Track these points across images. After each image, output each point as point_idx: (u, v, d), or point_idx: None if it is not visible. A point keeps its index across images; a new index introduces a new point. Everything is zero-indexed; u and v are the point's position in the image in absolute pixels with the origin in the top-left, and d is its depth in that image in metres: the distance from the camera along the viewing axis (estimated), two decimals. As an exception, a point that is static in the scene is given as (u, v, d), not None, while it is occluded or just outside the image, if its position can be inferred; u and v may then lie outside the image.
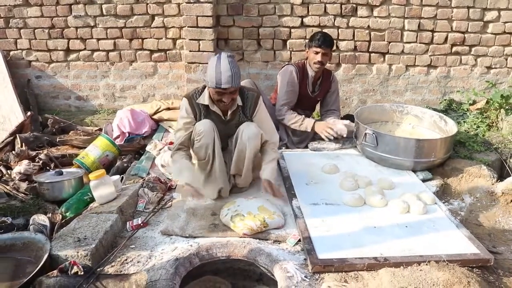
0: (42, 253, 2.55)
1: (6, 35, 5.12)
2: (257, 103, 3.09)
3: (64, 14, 4.92)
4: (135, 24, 4.82)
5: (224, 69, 2.75)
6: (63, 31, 5.00)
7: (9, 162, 4.13)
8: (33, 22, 5.02)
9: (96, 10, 4.85)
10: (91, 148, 3.82)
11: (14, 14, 5.00)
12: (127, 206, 2.96)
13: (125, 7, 4.78)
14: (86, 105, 5.23)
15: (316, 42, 3.79)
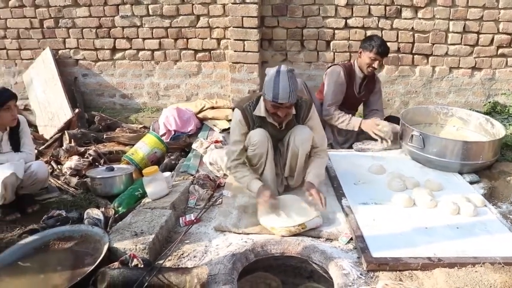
0: (100, 245, 2.64)
1: (55, 34, 5.29)
2: (310, 111, 3.07)
3: (111, 14, 5.06)
4: (180, 24, 4.91)
5: (283, 84, 2.72)
6: (110, 31, 5.13)
7: (59, 157, 4.27)
8: (81, 22, 5.17)
9: (142, 10, 4.96)
10: (140, 145, 3.92)
11: (64, 14, 5.17)
12: (179, 202, 3.03)
13: (171, 7, 4.87)
14: (130, 103, 5.35)
15: (377, 50, 3.77)
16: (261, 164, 3.03)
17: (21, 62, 5.54)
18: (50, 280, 2.54)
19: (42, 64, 5.29)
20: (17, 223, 3.33)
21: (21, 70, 5.54)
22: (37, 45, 5.39)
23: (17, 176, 3.22)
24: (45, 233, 2.88)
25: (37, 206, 3.49)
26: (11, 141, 3.38)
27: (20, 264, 2.67)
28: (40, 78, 5.27)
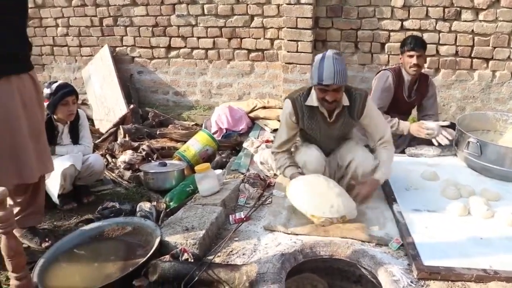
0: (151, 238, 2.70)
1: (113, 32, 5.47)
2: (366, 103, 2.92)
3: (167, 13, 5.17)
4: (234, 24, 4.96)
5: (327, 65, 2.62)
6: (165, 29, 5.25)
7: (114, 151, 4.41)
8: (139, 21, 5.32)
9: (198, 10, 5.05)
10: (192, 142, 4.00)
11: (122, 13, 5.34)
12: (229, 200, 3.07)
13: (226, 7, 4.93)
14: (183, 101, 5.46)
15: (409, 46, 3.73)
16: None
17: (81, 58, 5.76)
18: (103, 268, 2.63)
19: (100, 61, 5.48)
20: (73, 212, 3.48)
21: (81, 66, 5.76)
22: (96, 43, 5.59)
23: (76, 168, 3.36)
24: (100, 223, 2.98)
25: (92, 197, 3.63)
26: (71, 134, 3.53)
27: (76, 251, 2.79)
28: (98, 74, 5.46)
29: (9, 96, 2.52)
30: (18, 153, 2.60)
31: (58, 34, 5.74)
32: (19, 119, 2.58)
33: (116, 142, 4.54)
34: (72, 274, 2.63)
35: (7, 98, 2.51)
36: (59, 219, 3.42)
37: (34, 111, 2.71)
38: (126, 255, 2.71)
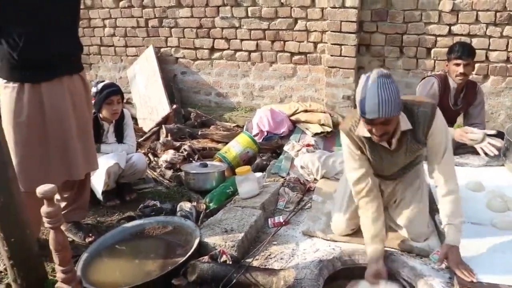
0: (191, 238, 2.74)
1: (158, 33, 5.57)
2: (432, 121, 2.36)
3: (212, 15, 5.23)
4: (278, 26, 4.96)
5: (370, 94, 2.11)
6: (209, 31, 5.31)
7: (156, 150, 4.49)
8: (183, 22, 5.40)
9: (242, 12, 5.08)
10: (233, 144, 4.03)
11: (167, 14, 5.43)
12: (269, 203, 3.07)
13: (270, 10, 4.94)
14: (225, 102, 5.51)
15: (456, 54, 3.60)
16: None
17: (126, 58, 5.90)
18: (143, 265, 2.69)
19: (145, 61, 5.60)
20: (116, 209, 3.57)
21: (126, 66, 5.90)
22: (141, 43, 5.72)
23: (120, 166, 3.45)
24: (141, 221, 3.05)
25: (134, 195, 3.71)
26: (115, 133, 3.62)
27: (118, 247, 2.86)
28: (142, 74, 5.58)
29: (61, 96, 2.62)
30: (67, 151, 2.69)
31: (105, 34, 5.90)
32: (69, 119, 2.67)
33: (158, 141, 4.63)
34: (113, 269, 2.70)
35: (59, 99, 2.61)
36: (102, 215, 3.51)
37: (83, 111, 2.81)
38: (165, 253, 2.77)
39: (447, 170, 2.42)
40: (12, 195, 2.24)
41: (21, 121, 2.53)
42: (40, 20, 2.48)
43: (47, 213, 1.96)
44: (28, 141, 2.58)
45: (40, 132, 2.60)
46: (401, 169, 2.63)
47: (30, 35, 2.46)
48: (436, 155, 2.41)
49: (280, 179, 3.49)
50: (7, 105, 2.54)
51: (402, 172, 2.66)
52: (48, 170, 2.67)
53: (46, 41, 2.51)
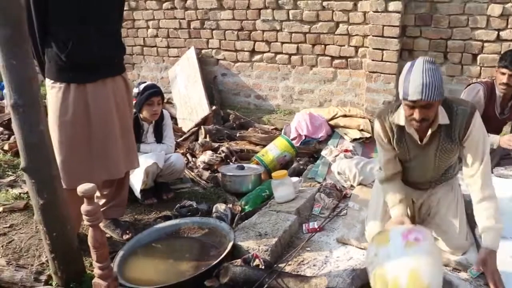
0: (225, 240, 2.76)
1: (200, 35, 5.65)
2: (471, 123, 2.30)
3: (253, 18, 5.26)
4: (319, 30, 4.94)
5: (414, 76, 2.13)
6: (250, 34, 5.33)
7: (194, 150, 4.55)
8: (225, 24, 5.45)
9: (283, 15, 5.08)
10: (271, 147, 4.03)
11: (209, 16, 5.50)
12: (304, 208, 3.06)
13: (311, 13, 4.92)
14: (264, 104, 5.52)
15: (503, 62, 3.46)
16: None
17: (168, 59, 6.00)
18: (177, 265, 2.73)
19: (186, 62, 5.68)
20: (153, 208, 3.63)
21: (168, 66, 6.01)
22: (183, 44, 5.81)
23: (158, 166, 3.51)
24: (177, 221, 3.10)
25: (171, 194, 3.77)
26: (155, 133, 3.69)
27: (153, 246, 2.92)
28: (183, 75, 5.66)
29: (105, 97, 2.70)
30: (108, 151, 2.77)
31: (148, 35, 6.03)
32: (112, 119, 2.75)
33: (197, 142, 4.68)
34: (148, 267, 2.76)
35: (103, 99, 2.69)
36: (139, 213, 3.59)
37: (125, 111, 2.88)
38: (199, 254, 2.80)
39: (484, 176, 2.35)
40: (55, 192, 2.32)
41: (66, 120, 2.62)
42: (87, 24, 2.57)
43: (86, 211, 2.02)
44: (72, 140, 2.67)
45: (84, 131, 2.69)
46: (431, 177, 2.59)
47: (77, 38, 2.55)
48: (474, 158, 2.35)
49: (316, 185, 3.47)
50: (53, 104, 2.63)
51: (433, 181, 2.62)
52: (90, 169, 2.76)
53: (92, 44, 2.60)
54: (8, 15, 1.97)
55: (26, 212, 3.61)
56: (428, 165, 2.52)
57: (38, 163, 2.23)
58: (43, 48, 2.62)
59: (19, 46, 2.03)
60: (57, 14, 2.52)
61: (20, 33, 2.03)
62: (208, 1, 5.44)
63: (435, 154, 2.45)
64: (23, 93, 2.08)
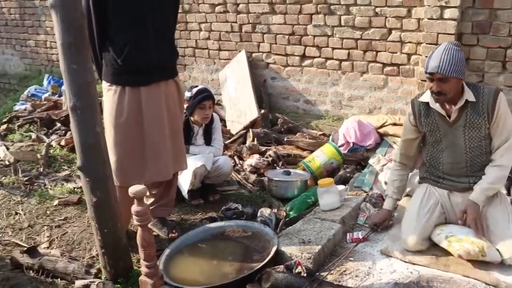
0: (269, 245, 2.80)
1: (251, 38, 5.70)
2: (497, 98, 2.56)
3: (304, 22, 5.25)
4: (371, 36, 4.88)
5: (436, 53, 2.50)
6: (301, 38, 5.34)
7: (242, 153, 4.60)
8: (276, 29, 5.48)
9: (335, 21, 5.05)
10: (318, 154, 4.02)
11: (261, 20, 5.54)
12: (349, 217, 3.05)
13: (364, 19, 4.87)
14: (313, 109, 5.51)
15: None
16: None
17: (219, 61, 6.10)
18: (221, 267, 2.79)
19: (237, 64, 5.75)
20: (199, 208, 3.72)
21: (218, 69, 6.10)
22: (234, 47, 5.88)
23: (206, 168, 3.59)
24: (223, 224, 3.16)
25: (218, 196, 3.84)
26: (204, 135, 3.78)
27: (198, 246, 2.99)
28: (233, 78, 5.74)
29: (158, 100, 2.80)
30: (158, 152, 2.87)
31: (200, 37, 6.14)
32: (163, 122, 2.85)
33: (245, 145, 4.74)
34: (192, 267, 2.83)
35: (156, 102, 2.79)
36: (186, 213, 3.68)
37: (176, 113, 2.98)
38: (243, 257, 2.84)
39: (507, 149, 2.60)
40: (108, 192, 2.43)
41: (121, 122, 2.74)
42: (142, 30, 2.68)
43: (136, 212, 2.11)
44: (126, 141, 2.79)
45: (137, 132, 2.80)
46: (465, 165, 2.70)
47: (133, 44, 2.66)
48: (501, 133, 2.60)
49: (362, 193, 3.44)
50: (109, 106, 2.75)
51: (469, 174, 2.71)
52: (142, 169, 2.87)
53: (147, 49, 2.70)
54: (71, 23, 2.09)
55: (79, 206, 3.79)
56: (459, 146, 2.69)
57: (93, 163, 2.35)
58: (101, 52, 2.75)
59: (80, 52, 2.14)
60: (114, 21, 2.64)
61: (81, 39, 2.14)
62: (260, 5, 5.48)
63: (464, 131, 2.65)
64: (81, 96, 2.19)
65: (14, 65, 9.07)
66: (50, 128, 5.77)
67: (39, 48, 8.34)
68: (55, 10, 2.06)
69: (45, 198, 4.00)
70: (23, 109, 6.56)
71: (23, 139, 5.55)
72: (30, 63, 8.69)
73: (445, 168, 2.78)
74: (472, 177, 2.71)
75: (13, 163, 4.71)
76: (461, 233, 2.56)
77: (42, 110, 6.15)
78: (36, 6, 7.98)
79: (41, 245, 3.32)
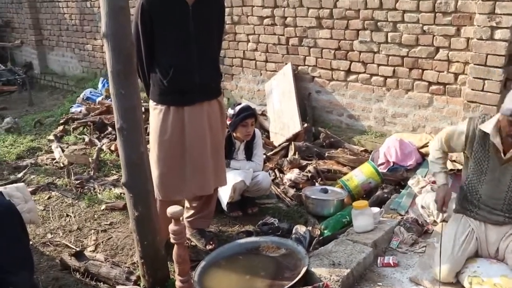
0: (300, 264, 2.87)
1: (298, 52, 5.77)
2: None
3: (351, 38, 5.27)
4: (418, 54, 4.84)
5: None
6: (347, 54, 5.36)
7: (282, 167, 4.69)
8: (322, 43, 5.52)
9: (381, 37, 5.05)
10: (356, 173, 4.04)
11: (308, 34, 5.60)
12: (381, 241, 3.07)
13: (411, 37, 4.84)
14: (356, 124, 5.52)
15: None
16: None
17: (265, 72, 6.20)
18: (253, 281, 2.89)
19: (283, 77, 5.84)
20: (237, 220, 3.84)
21: (264, 80, 6.21)
22: (280, 60, 5.97)
23: (245, 183, 3.70)
24: (258, 239, 3.27)
25: (256, 209, 3.95)
26: (245, 151, 3.90)
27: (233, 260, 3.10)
28: (278, 90, 5.83)
29: (200, 120, 2.95)
30: (200, 168, 3.02)
31: (248, 48, 6.27)
32: (205, 139, 2.99)
33: (286, 158, 4.81)
34: (226, 280, 2.95)
35: (198, 121, 2.95)
36: (224, 224, 3.81)
37: (218, 132, 3.13)
38: (274, 274, 2.93)
39: None
40: (149, 207, 2.59)
41: (165, 139, 2.91)
42: (186, 53, 2.83)
43: (173, 231, 2.25)
44: (169, 157, 2.95)
45: (180, 149, 2.96)
46: (503, 202, 2.65)
47: (178, 67, 2.82)
48: None
49: (397, 217, 3.44)
50: (154, 124, 2.92)
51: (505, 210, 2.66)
52: (183, 184, 3.02)
53: (191, 71, 2.86)
54: (121, 51, 2.25)
55: (124, 212, 3.97)
56: (503, 184, 2.64)
57: (136, 180, 2.51)
58: (149, 72, 2.92)
59: (127, 78, 2.30)
60: (161, 45, 2.81)
61: (130, 67, 2.30)
62: (307, 20, 5.55)
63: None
64: (128, 118, 2.35)
65: (73, 67, 9.57)
66: (102, 132, 6.07)
67: (96, 52, 8.76)
68: (107, 39, 2.22)
69: (93, 202, 4.24)
70: (78, 112, 6.93)
71: (77, 142, 5.87)
72: (87, 66, 9.14)
73: (482, 199, 2.75)
74: (507, 213, 2.68)
75: (66, 166, 5.00)
76: (486, 274, 2.54)
77: (95, 114, 6.47)
78: (95, 13, 8.39)
79: (87, 248, 3.54)
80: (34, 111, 8.05)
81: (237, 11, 6.20)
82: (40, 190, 4.52)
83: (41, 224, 3.87)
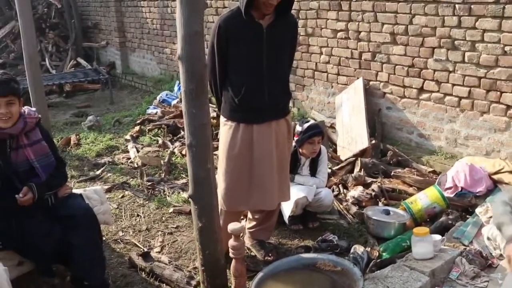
0: (354, 285, 2.89)
1: (370, 67, 5.74)
2: None
3: (425, 56, 5.17)
4: (496, 76, 4.67)
5: None
6: (420, 71, 5.26)
7: (347, 183, 4.70)
8: (396, 59, 5.46)
9: (458, 57, 4.91)
10: (421, 196, 3.97)
11: (381, 50, 5.56)
12: (440, 270, 3.01)
13: (490, 57, 4.68)
14: (426, 144, 5.40)
15: None
16: None
17: (336, 85, 6.22)
18: (307, 298, 2.95)
19: (353, 91, 5.83)
20: (298, 234, 3.92)
21: (335, 93, 6.23)
22: (352, 74, 5.96)
23: (307, 199, 3.77)
24: (316, 255, 3.31)
25: (317, 224, 4.01)
26: (310, 166, 3.97)
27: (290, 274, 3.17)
28: (348, 104, 5.83)
29: (268, 138, 3.09)
30: (265, 184, 3.15)
31: (320, 61, 6.32)
32: (272, 158, 3.13)
33: (351, 174, 4.81)
34: (281, 294, 3.02)
35: (266, 139, 3.09)
36: (284, 237, 3.90)
37: (284, 149, 3.27)
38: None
39: None
40: (212, 219, 2.73)
41: (233, 154, 3.06)
42: (259, 74, 2.97)
43: (233, 246, 2.37)
44: (236, 171, 3.11)
45: (247, 165, 3.11)
46: None
47: (250, 86, 2.97)
48: None
49: (460, 246, 3.35)
50: (224, 139, 3.09)
51: None
52: (248, 197, 3.17)
53: (261, 91, 3.00)
54: (194, 73, 2.40)
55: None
56: None
57: (202, 194, 2.66)
58: (222, 90, 3.08)
59: (199, 97, 2.46)
60: (233, 65, 2.97)
61: (202, 87, 2.45)
62: (381, 35, 5.51)
63: None
64: (197, 136, 2.50)
65: (152, 69, 10.05)
66: (175, 135, 6.36)
67: (173, 56, 9.13)
68: (181, 62, 2.39)
69: (162, 204, 4.48)
70: (154, 113, 7.28)
71: (151, 143, 6.18)
72: (165, 68, 9.58)
73: None
74: None
75: (140, 166, 5.30)
76: None
77: (170, 118, 6.78)
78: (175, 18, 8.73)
79: (154, 249, 3.76)
80: (114, 110, 8.54)
81: (311, 23, 6.28)
82: (115, 189, 4.84)
83: (114, 222, 4.14)
